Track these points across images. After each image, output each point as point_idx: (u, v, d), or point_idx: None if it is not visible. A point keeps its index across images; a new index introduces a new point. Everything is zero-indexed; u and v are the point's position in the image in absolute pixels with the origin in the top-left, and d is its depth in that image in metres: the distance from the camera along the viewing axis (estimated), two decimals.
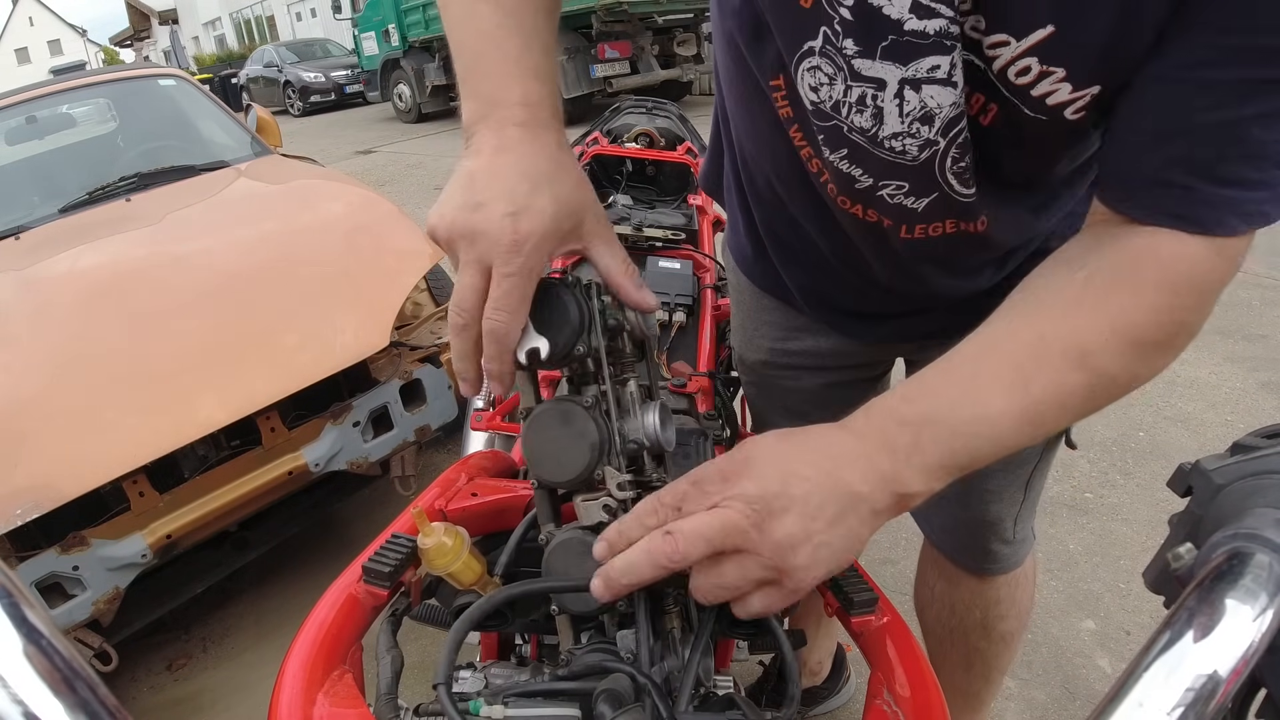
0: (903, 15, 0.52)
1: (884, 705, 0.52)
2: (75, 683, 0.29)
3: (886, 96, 0.57)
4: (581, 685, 0.49)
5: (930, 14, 0.51)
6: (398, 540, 0.58)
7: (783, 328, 0.96)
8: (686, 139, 1.59)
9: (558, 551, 0.54)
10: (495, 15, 0.55)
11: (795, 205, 0.78)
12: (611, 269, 0.56)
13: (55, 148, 3.05)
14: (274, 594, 2.11)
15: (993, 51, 0.52)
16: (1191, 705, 0.26)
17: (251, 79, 16.71)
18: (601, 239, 0.56)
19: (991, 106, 0.56)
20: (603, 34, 8.07)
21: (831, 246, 0.79)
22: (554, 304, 0.53)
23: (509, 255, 0.49)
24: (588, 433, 0.53)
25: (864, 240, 0.74)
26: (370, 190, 2.60)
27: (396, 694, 0.52)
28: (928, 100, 0.56)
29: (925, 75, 0.55)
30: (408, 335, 2.11)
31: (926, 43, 0.53)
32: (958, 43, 0.52)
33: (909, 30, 0.53)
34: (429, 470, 2.22)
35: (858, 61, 0.56)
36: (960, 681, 1.18)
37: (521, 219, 0.49)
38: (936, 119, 0.57)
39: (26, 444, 1.60)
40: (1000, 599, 1.07)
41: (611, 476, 0.54)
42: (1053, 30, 0.49)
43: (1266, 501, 0.30)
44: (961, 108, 0.56)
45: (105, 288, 1.98)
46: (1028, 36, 0.50)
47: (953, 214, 0.65)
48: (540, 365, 0.54)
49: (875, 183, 0.64)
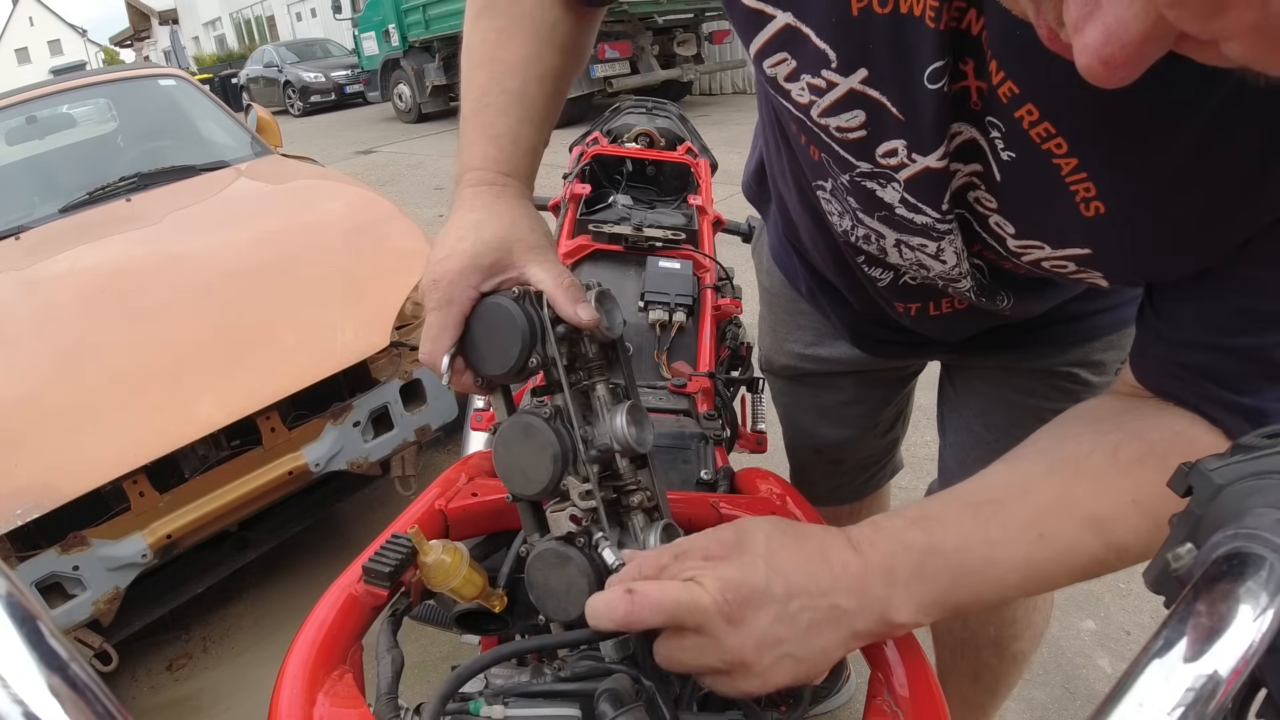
0: (894, 203, 0.55)
1: (884, 705, 0.52)
2: (75, 683, 0.29)
3: (888, 244, 0.61)
4: (582, 686, 0.49)
5: (916, 210, 0.54)
6: (398, 540, 0.58)
7: (816, 332, 0.96)
8: (686, 139, 1.59)
9: (535, 564, 0.54)
10: (484, 85, 0.63)
11: (825, 265, 0.80)
12: (546, 285, 0.56)
13: (55, 148, 3.05)
14: (274, 594, 2.11)
15: (1023, 249, 0.52)
16: (1191, 705, 0.26)
17: (251, 79, 16.71)
18: (535, 261, 0.58)
19: (1021, 267, 0.56)
20: (603, 34, 8.03)
21: (861, 304, 0.81)
22: (502, 320, 0.55)
23: (430, 292, 0.57)
24: (548, 444, 0.53)
25: (893, 312, 0.76)
26: (370, 190, 2.60)
27: (396, 694, 0.52)
28: (921, 259, 0.59)
29: (917, 246, 0.58)
30: (408, 335, 2.11)
31: (914, 228, 0.56)
32: (945, 235, 0.54)
33: (900, 215, 0.55)
34: (429, 470, 2.22)
35: (860, 214, 0.60)
36: (967, 693, 1.17)
37: (443, 262, 0.56)
38: (932, 271, 0.61)
39: (27, 444, 1.60)
40: (1016, 619, 1.06)
41: (574, 487, 0.54)
42: (1090, 252, 0.49)
43: (1267, 501, 0.30)
44: (953, 275, 0.59)
45: (105, 287, 1.98)
46: (1063, 250, 0.50)
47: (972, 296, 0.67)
48: (497, 380, 0.55)
49: (895, 277, 0.68)
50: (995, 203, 0.51)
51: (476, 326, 0.56)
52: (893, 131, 0.49)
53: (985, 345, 0.82)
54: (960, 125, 0.48)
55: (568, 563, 0.53)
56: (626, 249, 1.27)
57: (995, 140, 0.47)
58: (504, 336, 0.54)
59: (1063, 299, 0.73)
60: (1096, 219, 0.46)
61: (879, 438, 1.10)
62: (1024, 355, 0.82)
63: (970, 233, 0.55)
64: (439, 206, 5.93)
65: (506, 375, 0.55)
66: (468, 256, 0.56)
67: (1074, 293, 0.73)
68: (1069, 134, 0.44)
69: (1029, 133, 0.45)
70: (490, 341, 0.55)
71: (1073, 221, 0.47)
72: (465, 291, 0.56)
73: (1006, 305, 0.65)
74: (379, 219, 2.30)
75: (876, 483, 1.23)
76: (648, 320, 1.14)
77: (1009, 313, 0.68)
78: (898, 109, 0.48)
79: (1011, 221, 0.51)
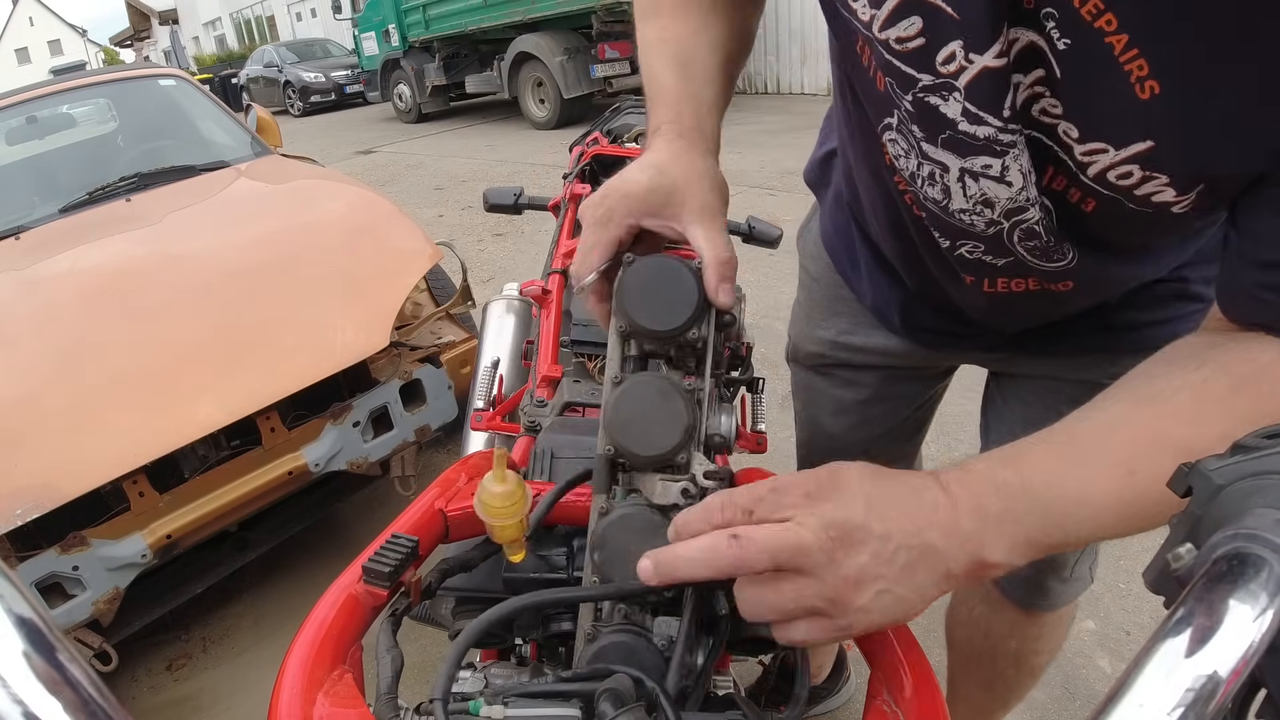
0: (956, 116, 0.54)
1: (884, 705, 0.52)
2: (75, 683, 0.29)
3: (951, 178, 0.60)
4: (583, 686, 0.49)
5: (978, 120, 0.54)
6: (398, 540, 0.58)
7: (853, 320, 0.95)
8: None
9: (619, 526, 0.53)
10: (661, 64, 0.68)
11: (884, 236, 0.80)
12: (704, 251, 0.56)
13: (55, 148, 3.05)
14: (274, 594, 2.11)
15: (1088, 158, 0.52)
16: (1191, 705, 0.26)
17: (251, 79, 16.70)
18: (699, 223, 0.57)
19: (1090, 201, 0.55)
20: (603, 34, 8.06)
21: (916, 280, 0.80)
22: (680, 285, 0.54)
23: (592, 208, 0.59)
24: (683, 414, 0.53)
25: (951, 286, 0.75)
26: (370, 190, 2.60)
27: (396, 694, 0.52)
28: (985, 190, 0.58)
29: (980, 170, 0.57)
30: (408, 335, 2.11)
31: (978, 144, 0.55)
32: (1009, 149, 0.54)
33: (963, 131, 0.55)
34: (429, 470, 2.22)
35: (925, 145, 0.59)
36: (977, 700, 1.17)
37: (615, 186, 0.58)
38: (996, 206, 0.59)
39: (27, 444, 1.60)
40: (1040, 635, 1.05)
41: (700, 463, 0.54)
42: (1151, 145, 0.48)
43: (1267, 501, 0.30)
44: (1020, 202, 0.57)
45: (105, 287, 1.98)
46: (1126, 148, 0.49)
47: (1034, 274, 0.66)
48: (643, 334, 0.54)
49: (953, 242, 0.67)
50: (1060, 106, 0.51)
51: (647, 277, 0.55)
52: (949, 32, 0.50)
53: (1035, 345, 0.80)
54: (1018, 31, 0.49)
55: (657, 533, 0.52)
56: None
57: (1051, 32, 0.48)
58: (675, 300, 0.54)
59: (1124, 280, 0.71)
60: (1153, 101, 0.46)
61: (896, 444, 1.07)
62: (1074, 365, 0.81)
63: (1041, 159, 0.55)
64: (439, 206, 5.93)
65: (656, 334, 0.54)
66: (640, 187, 0.57)
67: (1134, 276, 0.70)
68: (1117, 8, 0.44)
69: (1080, 11, 0.45)
70: (657, 298, 0.54)
71: (1130, 108, 0.47)
72: (625, 218, 0.57)
73: (1069, 263, 0.63)
74: (379, 219, 2.30)
75: None
76: None
77: (1069, 286, 0.66)
78: (952, 7, 0.49)
79: (1075, 122, 0.51)
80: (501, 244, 4.78)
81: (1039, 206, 0.58)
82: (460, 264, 2.18)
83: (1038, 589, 0.98)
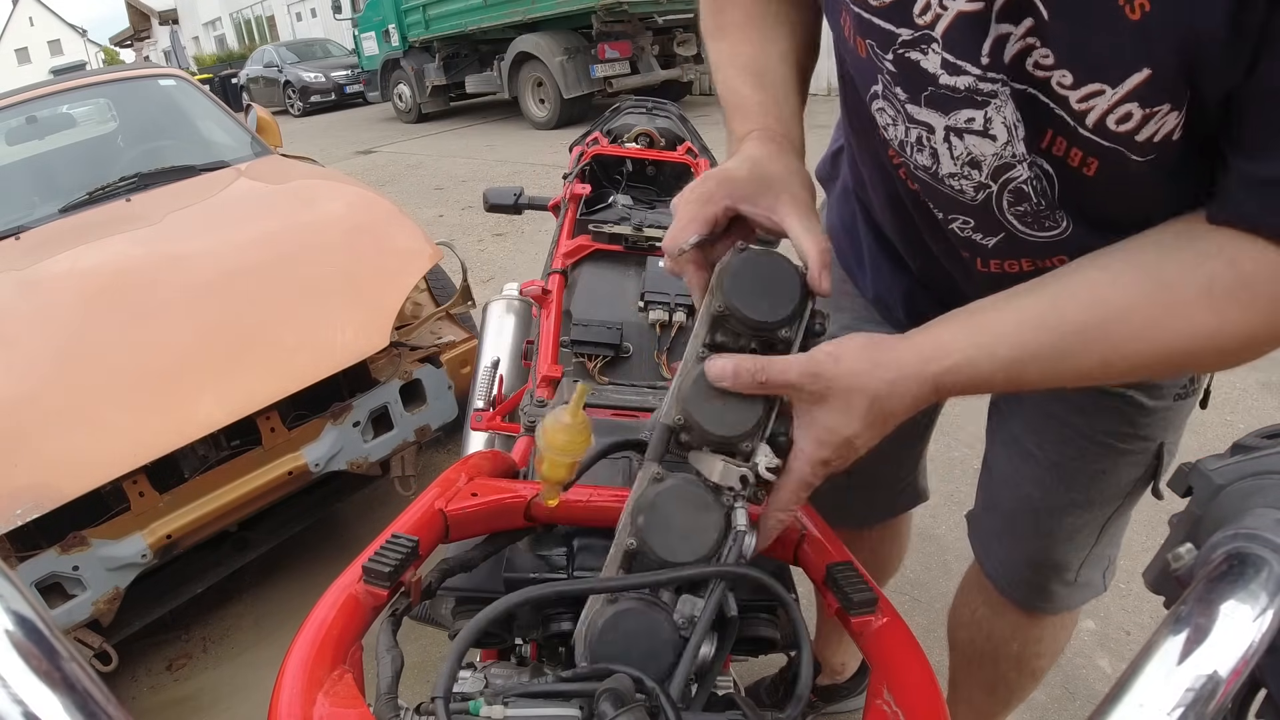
0: (936, 70, 0.55)
1: (884, 705, 0.52)
2: (75, 683, 0.29)
3: (937, 140, 0.61)
4: (583, 686, 0.49)
5: (957, 70, 0.55)
6: (398, 540, 0.58)
7: (855, 315, 0.95)
8: (686, 139, 1.59)
9: (670, 495, 0.54)
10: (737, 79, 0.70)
11: (885, 218, 0.80)
12: (803, 241, 0.58)
13: (55, 148, 3.04)
14: (274, 594, 2.11)
15: (1085, 104, 0.51)
16: (1191, 705, 0.26)
17: (251, 79, 16.69)
18: (795, 214, 0.59)
19: (1093, 161, 0.55)
20: (603, 34, 8.06)
21: (918, 262, 0.80)
22: (785, 281, 0.55)
23: (691, 189, 0.61)
24: (758, 405, 0.54)
25: (952, 265, 0.75)
26: (370, 190, 2.60)
27: (396, 694, 0.52)
28: (971, 148, 0.59)
29: (964, 126, 0.58)
30: (408, 335, 2.11)
31: (958, 96, 0.56)
32: (990, 99, 0.55)
33: (944, 84, 0.56)
34: (429, 470, 2.22)
35: (909, 107, 0.61)
36: (979, 702, 1.16)
37: (718, 173, 0.61)
38: (983, 165, 0.60)
39: (27, 443, 1.60)
40: (1042, 638, 1.04)
41: (764, 454, 0.54)
42: (1149, 74, 0.48)
43: (1266, 501, 0.30)
44: (1006, 158, 0.58)
45: (105, 287, 1.98)
46: (1123, 83, 0.49)
47: (1025, 253, 0.66)
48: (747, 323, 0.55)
49: (945, 216, 0.68)
50: (1051, 56, 0.51)
51: (755, 267, 0.56)
52: None
53: None
54: None
55: (709, 511, 0.53)
56: (626, 249, 1.27)
57: None
58: (778, 295, 0.55)
59: None
60: (1144, 20, 0.45)
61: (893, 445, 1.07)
62: None
63: (1038, 120, 0.55)
64: (439, 206, 5.92)
65: (752, 324, 0.55)
66: (741, 173, 0.60)
67: None
68: None
69: None
70: (761, 289, 0.55)
71: (1124, 32, 0.46)
72: (723, 199, 0.59)
73: (1061, 232, 0.63)
74: (379, 219, 2.30)
75: (891, 507, 1.20)
76: (648, 320, 1.14)
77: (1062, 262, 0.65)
78: None
79: (1069, 67, 0.50)
80: (501, 244, 4.78)
81: (1028, 165, 0.58)
82: (460, 264, 2.18)
83: (1041, 593, 0.97)
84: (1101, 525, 0.91)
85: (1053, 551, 0.93)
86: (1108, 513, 0.90)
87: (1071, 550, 0.92)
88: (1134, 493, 0.89)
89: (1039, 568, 0.95)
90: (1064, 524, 0.90)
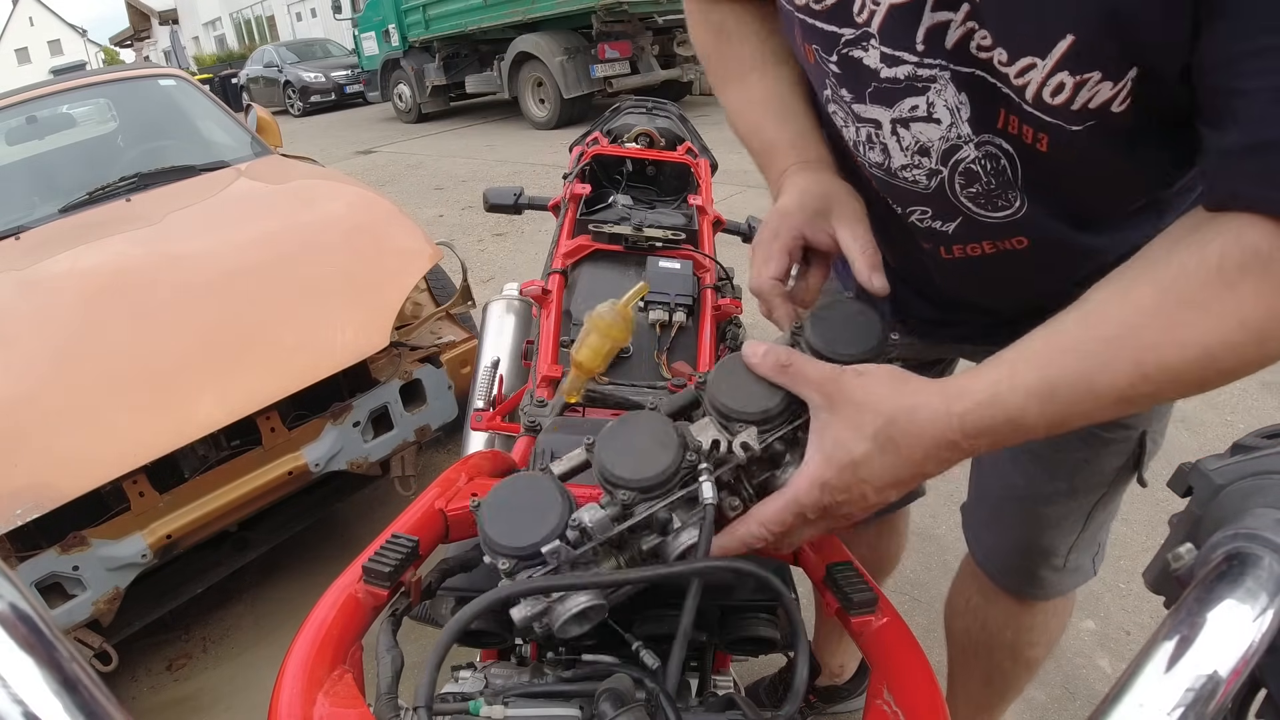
0: (877, 65, 0.59)
1: (884, 705, 0.52)
2: (75, 682, 0.29)
3: (885, 134, 0.64)
4: (583, 686, 0.49)
5: (895, 61, 0.58)
6: (398, 540, 0.58)
7: None
8: (686, 139, 1.59)
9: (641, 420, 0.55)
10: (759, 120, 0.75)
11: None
12: (851, 247, 0.63)
13: (55, 148, 3.04)
14: (274, 594, 2.11)
15: (1022, 78, 0.53)
16: (1191, 705, 0.26)
17: (251, 79, 16.69)
18: (846, 225, 0.65)
19: (1043, 136, 0.56)
20: (603, 34, 8.06)
21: (895, 258, 0.80)
22: (869, 324, 0.58)
23: (761, 229, 0.67)
24: (776, 397, 0.55)
25: (921, 255, 0.76)
26: (370, 190, 2.60)
27: (396, 694, 0.52)
28: (918, 135, 0.61)
29: (909, 115, 0.60)
30: (408, 335, 2.11)
31: (900, 87, 0.59)
32: (929, 84, 0.57)
33: (885, 77, 0.59)
34: (429, 470, 2.22)
35: (856, 106, 0.64)
36: (976, 694, 1.17)
37: (776, 210, 0.68)
38: (932, 151, 0.62)
39: (27, 443, 1.60)
40: (1035, 625, 1.05)
41: (749, 434, 0.54)
42: (1073, 40, 0.49)
43: (1266, 501, 0.30)
44: (953, 140, 0.60)
45: (105, 287, 1.98)
46: (1050, 54, 0.50)
47: (986, 235, 0.67)
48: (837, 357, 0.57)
49: (904, 209, 0.70)
50: (989, 35, 0.52)
51: (842, 311, 0.59)
52: None
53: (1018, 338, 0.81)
54: None
55: (666, 448, 0.53)
56: (626, 249, 1.27)
57: None
58: (858, 336, 0.58)
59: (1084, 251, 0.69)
60: None
61: None
62: None
63: (989, 102, 0.56)
64: (439, 206, 5.92)
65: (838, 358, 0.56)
66: (794, 204, 0.66)
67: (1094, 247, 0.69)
68: None
69: None
70: (845, 329, 0.58)
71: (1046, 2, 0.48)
72: (790, 230, 0.65)
73: (1015, 212, 0.63)
74: (379, 219, 2.30)
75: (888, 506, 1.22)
76: (648, 320, 1.14)
77: (1024, 243, 0.66)
78: None
79: (1004, 45, 0.52)
80: (501, 244, 4.78)
81: (974, 145, 0.60)
82: (460, 264, 2.18)
83: (1030, 579, 0.99)
84: (1087, 512, 0.92)
85: (1040, 538, 0.94)
86: (1093, 500, 0.92)
87: (1058, 536, 0.94)
88: (1118, 480, 0.91)
89: (1027, 554, 0.97)
90: (1049, 511, 0.92)
